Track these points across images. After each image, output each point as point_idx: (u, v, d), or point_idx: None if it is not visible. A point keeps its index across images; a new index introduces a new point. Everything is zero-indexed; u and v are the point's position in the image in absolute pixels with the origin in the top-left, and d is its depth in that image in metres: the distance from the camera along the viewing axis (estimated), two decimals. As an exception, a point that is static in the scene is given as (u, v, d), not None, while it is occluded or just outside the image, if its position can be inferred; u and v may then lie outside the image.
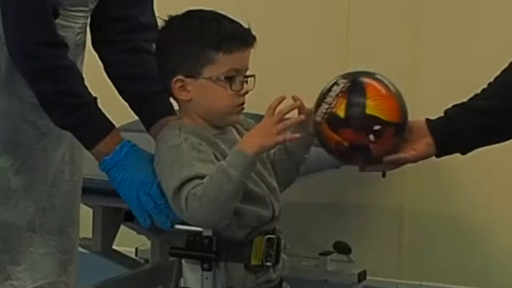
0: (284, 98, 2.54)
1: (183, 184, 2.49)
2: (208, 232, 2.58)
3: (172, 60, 2.64)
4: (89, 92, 2.71)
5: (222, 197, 2.47)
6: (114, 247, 4.64)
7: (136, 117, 2.96)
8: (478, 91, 2.95)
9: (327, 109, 2.58)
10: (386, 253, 5.64)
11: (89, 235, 4.22)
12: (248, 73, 2.65)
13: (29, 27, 2.61)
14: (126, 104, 2.95)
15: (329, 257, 5.16)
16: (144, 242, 5.15)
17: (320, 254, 5.17)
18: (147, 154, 2.69)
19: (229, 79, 2.60)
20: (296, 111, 2.58)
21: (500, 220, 5.46)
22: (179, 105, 2.70)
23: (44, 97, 2.67)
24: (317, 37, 5.66)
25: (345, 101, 2.57)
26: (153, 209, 2.61)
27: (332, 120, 2.56)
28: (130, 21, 2.91)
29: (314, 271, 5.15)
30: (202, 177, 2.48)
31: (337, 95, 2.57)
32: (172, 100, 2.83)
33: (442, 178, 5.56)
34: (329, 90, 2.60)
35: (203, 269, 2.60)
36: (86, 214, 3.12)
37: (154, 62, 2.86)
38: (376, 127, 2.60)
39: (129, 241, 5.07)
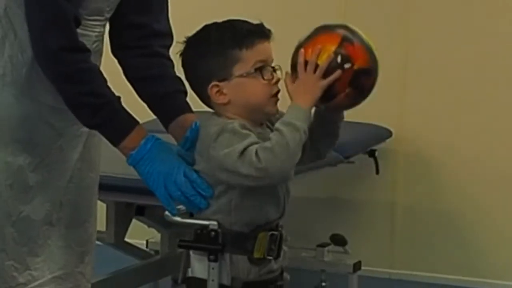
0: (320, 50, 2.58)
1: (246, 147, 2.49)
2: (214, 226, 2.57)
3: (202, 71, 2.63)
4: (112, 92, 2.71)
5: (293, 144, 2.50)
6: (126, 239, 4.64)
7: (151, 117, 2.96)
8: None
9: None
10: (380, 244, 5.63)
11: (103, 228, 4.21)
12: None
13: (53, 34, 2.61)
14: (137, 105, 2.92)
15: (326, 248, 5.11)
16: (154, 235, 5.13)
17: (318, 245, 5.12)
18: (170, 146, 2.69)
19: (259, 70, 2.60)
20: None
21: (486, 214, 5.46)
22: (218, 111, 2.67)
23: (70, 99, 2.66)
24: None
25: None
26: (181, 197, 2.60)
27: None
28: (146, 29, 2.91)
29: (312, 262, 5.10)
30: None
31: None
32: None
33: (432, 175, 5.56)
34: None
35: (209, 260, 2.59)
36: (100, 208, 3.11)
37: (170, 66, 2.91)
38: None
39: (140, 234, 5.05)
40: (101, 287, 3.90)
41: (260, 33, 2.63)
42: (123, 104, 2.71)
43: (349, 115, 2.77)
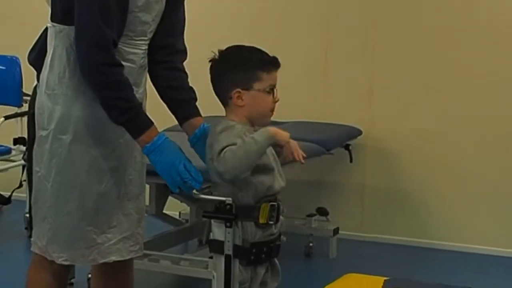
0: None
1: (224, 147, 2.56)
2: (229, 201, 2.61)
3: (230, 79, 2.69)
4: (137, 99, 2.72)
5: (250, 153, 2.55)
6: (164, 211, 4.63)
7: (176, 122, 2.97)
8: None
9: None
10: (353, 215, 5.58)
11: (147, 203, 4.13)
12: None
13: (96, 52, 2.62)
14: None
15: (313, 218, 5.16)
16: (185, 208, 5.10)
17: (307, 216, 5.16)
18: (176, 145, 2.72)
19: (271, 90, 2.69)
20: None
21: (431, 190, 5.44)
22: (229, 109, 2.72)
23: (105, 102, 2.68)
24: (298, 66, 5.55)
25: None
26: (181, 182, 2.65)
27: None
28: (171, 48, 2.91)
29: (303, 228, 5.14)
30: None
31: None
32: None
33: (391, 163, 5.52)
34: None
35: (226, 226, 2.64)
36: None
37: (186, 78, 2.92)
38: None
39: (174, 207, 5.01)
40: (147, 246, 3.92)
41: (276, 64, 2.71)
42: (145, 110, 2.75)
43: (329, 117, 2.80)
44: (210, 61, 2.74)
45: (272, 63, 2.70)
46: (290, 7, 5.69)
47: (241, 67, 2.68)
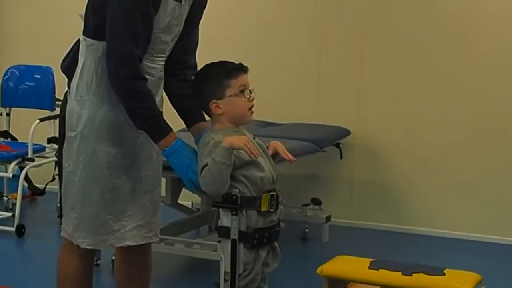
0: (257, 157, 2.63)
1: (202, 168, 2.57)
2: (235, 193, 2.60)
3: (205, 92, 2.69)
4: (158, 108, 2.72)
5: (215, 173, 2.54)
6: (178, 201, 4.64)
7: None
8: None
9: None
10: (343, 204, 5.57)
11: (163, 194, 4.15)
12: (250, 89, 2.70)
13: (123, 67, 2.62)
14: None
15: (308, 207, 5.16)
16: (196, 198, 5.09)
17: (303, 205, 5.16)
18: (191, 147, 2.71)
19: (242, 92, 2.66)
20: None
21: (412, 183, 5.42)
22: (214, 118, 2.72)
23: (130, 110, 2.67)
24: (294, 74, 5.54)
25: None
26: (196, 180, 2.64)
27: None
28: (184, 64, 2.90)
29: (299, 216, 5.13)
30: None
31: None
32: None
33: (376, 159, 5.50)
34: None
35: (232, 215, 2.62)
36: (162, 181, 3.11)
37: None
38: None
39: (187, 198, 4.99)
40: (164, 232, 3.91)
41: (241, 69, 2.69)
42: (164, 117, 2.73)
43: (322, 119, 2.77)
44: (190, 82, 2.77)
45: (236, 69, 2.68)
46: (287, 19, 5.65)
47: (210, 81, 2.68)
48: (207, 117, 2.86)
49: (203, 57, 2.93)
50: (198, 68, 2.83)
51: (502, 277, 4.42)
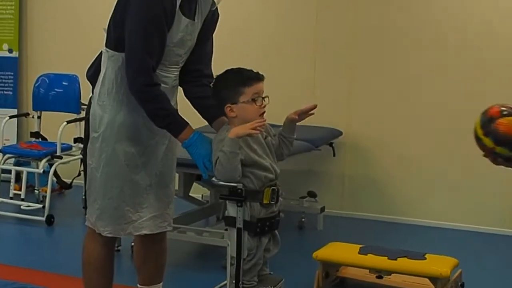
0: (264, 121, 2.60)
1: (215, 161, 2.56)
2: (240, 186, 2.59)
3: (222, 96, 2.66)
4: (173, 107, 2.72)
5: (226, 163, 2.53)
6: (190, 194, 4.63)
7: (204, 124, 2.94)
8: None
9: None
10: (335, 197, 5.54)
11: (177, 188, 4.17)
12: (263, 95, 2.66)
13: (140, 76, 2.62)
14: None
15: (304, 199, 5.15)
16: (206, 192, 5.07)
17: (300, 197, 5.15)
18: (208, 139, 2.69)
19: (254, 100, 2.62)
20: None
21: (395, 177, 5.40)
22: (229, 120, 2.69)
23: (149, 112, 2.67)
24: (292, 81, 5.55)
25: None
26: (211, 169, 2.62)
27: None
28: (199, 72, 2.89)
29: (297, 207, 5.11)
30: None
31: None
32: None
33: (365, 157, 5.48)
34: None
35: (237, 206, 2.62)
36: (175, 176, 3.10)
37: (210, 91, 2.85)
38: None
39: (198, 191, 4.99)
40: (177, 221, 3.90)
41: (256, 78, 2.64)
42: (180, 114, 2.71)
43: (317, 121, 2.76)
44: (211, 84, 2.73)
45: (251, 78, 2.64)
46: (286, 35, 5.66)
47: (227, 86, 2.65)
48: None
49: (216, 65, 2.93)
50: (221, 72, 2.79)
51: (476, 260, 4.41)
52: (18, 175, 5.56)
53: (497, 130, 2.23)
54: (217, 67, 2.87)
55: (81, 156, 5.04)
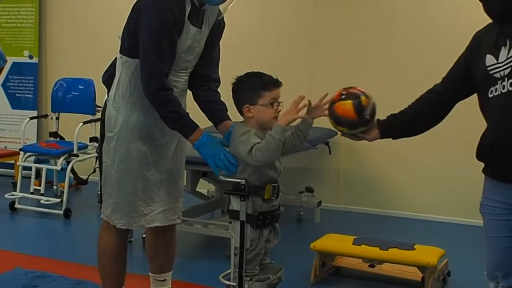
0: (303, 97, 2.55)
1: (252, 147, 2.51)
2: (243, 182, 2.58)
3: (242, 97, 2.61)
4: (184, 110, 2.70)
5: (272, 147, 2.48)
6: (197, 189, 4.63)
7: (209, 124, 2.93)
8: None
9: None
10: (331, 191, 5.56)
11: (184, 183, 4.14)
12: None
13: (153, 81, 2.60)
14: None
15: (303, 194, 5.15)
16: (211, 187, 5.08)
17: (298, 192, 5.15)
18: (217, 140, 2.67)
19: (272, 104, 2.59)
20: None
21: (388, 172, 5.41)
22: (245, 119, 2.64)
23: (162, 115, 2.66)
24: (289, 87, 5.47)
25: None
26: (222, 166, 2.59)
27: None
28: (208, 77, 2.87)
29: (295, 201, 5.11)
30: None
31: None
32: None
33: (358, 154, 5.48)
34: None
35: (241, 200, 2.61)
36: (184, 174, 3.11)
37: (219, 95, 2.86)
38: None
39: (204, 186, 4.99)
40: (185, 215, 3.88)
41: (276, 84, 2.61)
42: (191, 117, 2.68)
43: (314, 122, 2.74)
44: (232, 84, 2.68)
45: (271, 84, 2.61)
46: (286, 42, 5.66)
47: (248, 88, 2.61)
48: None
49: (223, 69, 2.92)
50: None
51: (462, 250, 4.41)
52: (38, 172, 5.60)
53: (336, 112, 2.47)
54: (223, 70, 2.88)
55: (96, 154, 5.07)
